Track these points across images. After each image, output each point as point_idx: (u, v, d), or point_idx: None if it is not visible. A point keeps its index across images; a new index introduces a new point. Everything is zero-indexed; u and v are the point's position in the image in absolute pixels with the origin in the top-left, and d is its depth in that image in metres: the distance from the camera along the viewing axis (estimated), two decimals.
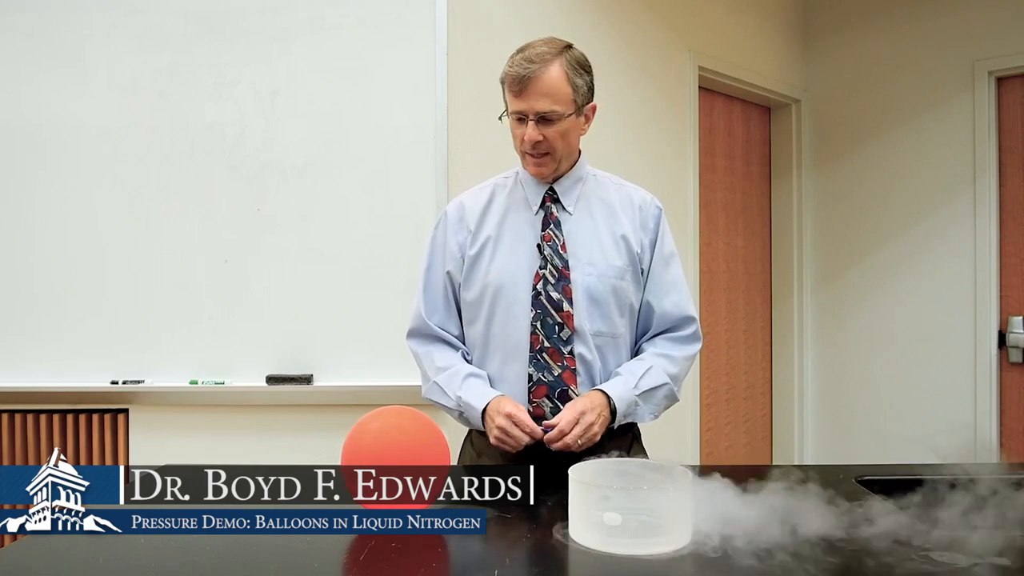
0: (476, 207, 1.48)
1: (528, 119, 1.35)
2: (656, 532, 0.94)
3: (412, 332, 1.52)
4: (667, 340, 1.47)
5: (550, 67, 1.33)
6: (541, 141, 1.36)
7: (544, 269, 1.39)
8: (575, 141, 1.44)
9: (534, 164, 1.41)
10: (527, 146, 1.37)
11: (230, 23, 2.17)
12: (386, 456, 1.12)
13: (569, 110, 1.36)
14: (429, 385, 1.46)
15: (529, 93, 1.33)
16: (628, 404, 1.35)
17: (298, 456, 2.08)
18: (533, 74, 1.32)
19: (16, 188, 2.18)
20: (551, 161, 1.40)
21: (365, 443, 1.17)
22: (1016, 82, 2.94)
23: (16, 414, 2.16)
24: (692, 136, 2.94)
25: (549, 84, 1.33)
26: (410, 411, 1.23)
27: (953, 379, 3.01)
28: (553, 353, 1.38)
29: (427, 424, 1.21)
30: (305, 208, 2.16)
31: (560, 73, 1.34)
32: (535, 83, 1.33)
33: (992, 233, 2.94)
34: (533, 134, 1.35)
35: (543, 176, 1.43)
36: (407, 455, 1.12)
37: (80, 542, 1.04)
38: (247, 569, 0.93)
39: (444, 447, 1.19)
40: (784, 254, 3.49)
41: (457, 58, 2.17)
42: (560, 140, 1.38)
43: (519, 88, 1.34)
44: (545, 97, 1.33)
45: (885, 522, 1.03)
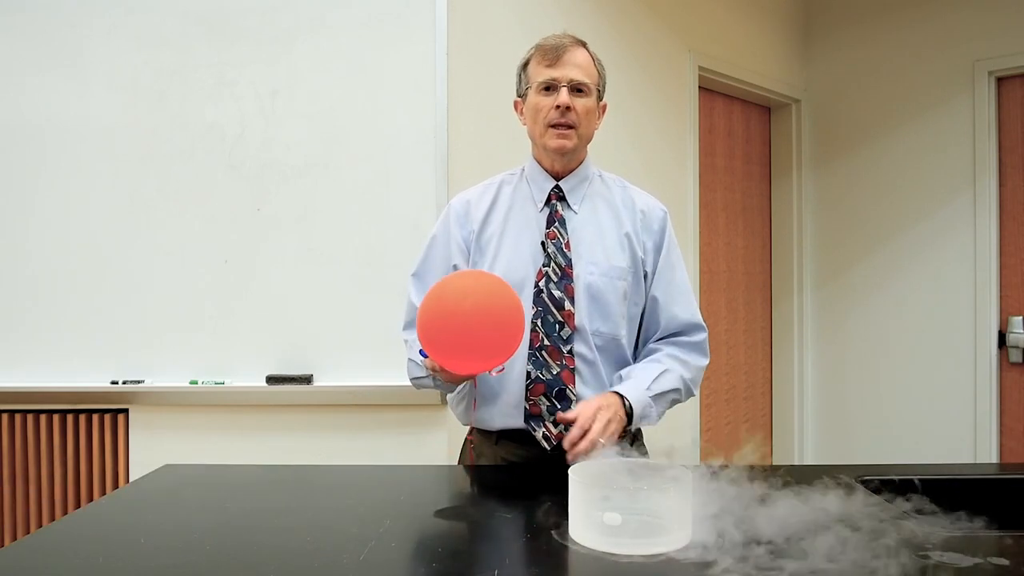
0: (482, 204, 1.48)
1: (560, 86, 1.38)
2: (656, 532, 0.94)
3: (406, 324, 1.51)
4: (680, 346, 1.46)
5: (581, 47, 1.42)
6: (571, 110, 1.38)
7: (547, 267, 1.39)
8: (593, 128, 1.46)
9: (558, 136, 1.40)
10: (556, 114, 1.38)
11: (230, 23, 2.17)
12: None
13: (595, 89, 1.42)
14: (408, 365, 1.46)
15: (564, 62, 1.39)
16: (644, 406, 1.33)
17: (298, 456, 2.09)
18: (568, 46, 1.40)
19: (16, 188, 2.19)
20: (575, 136, 1.41)
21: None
22: (1016, 82, 2.94)
23: (16, 414, 2.16)
24: (692, 136, 2.94)
25: (582, 59, 1.41)
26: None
27: (953, 379, 3.01)
28: (552, 351, 1.38)
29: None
30: (305, 208, 2.16)
31: (589, 56, 1.44)
32: (570, 54, 1.39)
33: (992, 233, 2.94)
34: (566, 99, 1.38)
35: (564, 151, 1.42)
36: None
37: (80, 542, 1.04)
38: (247, 569, 0.93)
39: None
40: (784, 254, 3.49)
41: (457, 58, 2.17)
42: (585, 116, 1.41)
43: (554, 56, 1.39)
44: (578, 68, 1.40)
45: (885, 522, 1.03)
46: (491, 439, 1.44)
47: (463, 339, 1.18)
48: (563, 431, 1.37)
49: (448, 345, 1.19)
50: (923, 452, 3.08)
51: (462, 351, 1.20)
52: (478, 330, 1.17)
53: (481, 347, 1.19)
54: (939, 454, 3.02)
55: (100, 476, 2.17)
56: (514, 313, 1.21)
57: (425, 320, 1.21)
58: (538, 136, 1.43)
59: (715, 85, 3.13)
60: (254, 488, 1.32)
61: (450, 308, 1.18)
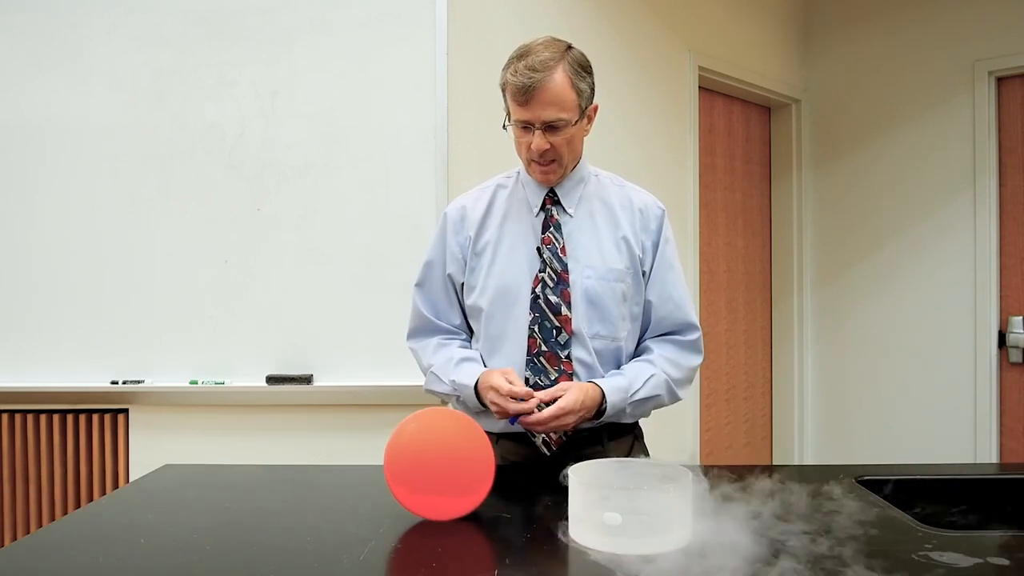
0: (476, 211, 1.47)
1: (534, 128, 1.33)
2: (656, 532, 0.94)
3: (411, 332, 1.52)
4: (674, 345, 1.46)
5: (554, 75, 1.30)
6: (548, 149, 1.34)
7: (543, 272, 1.38)
8: (580, 145, 1.42)
9: (541, 172, 1.39)
10: (534, 155, 1.35)
11: (230, 23, 2.17)
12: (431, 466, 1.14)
13: (575, 116, 1.34)
14: (428, 376, 1.46)
15: (535, 103, 1.30)
16: (618, 412, 1.36)
17: (298, 456, 2.09)
18: (538, 83, 1.29)
19: (16, 188, 2.19)
20: (558, 168, 1.39)
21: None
22: (1016, 82, 2.94)
23: (16, 414, 2.16)
24: (692, 136, 2.94)
25: (554, 92, 1.30)
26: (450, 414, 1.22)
27: (953, 379, 3.01)
28: (550, 357, 1.37)
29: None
30: (305, 208, 2.16)
31: (564, 80, 1.31)
32: (540, 92, 1.29)
33: (992, 233, 2.94)
34: (541, 143, 1.33)
35: (551, 183, 1.42)
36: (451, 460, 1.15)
37: (80, 542, 1.04)
38: (247, 569, 0.93)
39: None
40: (784, 254, 3.49)
41: (457, 58, 2.17)
42: (567, 146, 1.36)
43: (524, 98, 1.30)
44: (551, 106, 1.30)
45: (885, 522, 1.03)
46: (492, 439, 1.44)
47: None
48: (563, 436, 1.38)
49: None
50: (923, 452, 3.08)
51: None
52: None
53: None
54: (939, 454, 3.02)
55: (100, 476, 2.17)
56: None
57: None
58: (524, 164, 1.44)
59: (715, 85, 3.13)
60: (254, 488, 1.33)
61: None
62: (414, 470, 1.13)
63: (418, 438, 1.16)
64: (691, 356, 1.47)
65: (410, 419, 1.19)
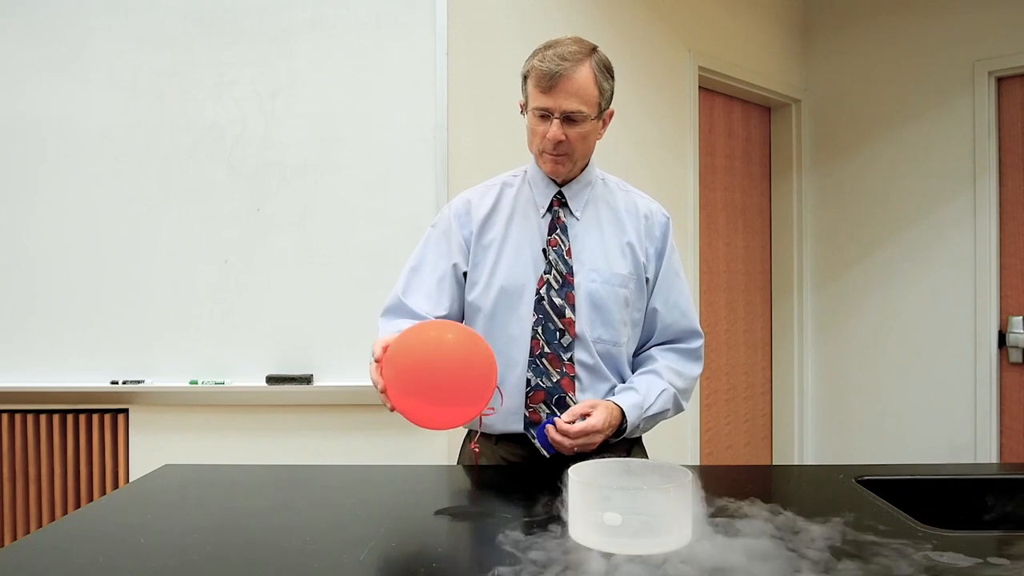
0: (482, 207, 1.46)
1: (553, 117, 1.33)
2: (656, 532, 0.94)
3: (384, 311, 1.47)
4: (677, 354, 1.46)
5: (581, 67, 1.32)
6: (563, 141, 1.34)
7: (548, 274, 1.38)
8: (592, 145, 1.42)
9: (552, 162, 1.39)
10: (548, 144, 1.35)
11: (230, 23, 2.17)
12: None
13: (594, 112, 1.35)
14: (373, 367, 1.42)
15: (558, 91, 1.31)
16: (633, 429, 1.36)
17: (298, 456, 2.09)
18: (564, 72, 1.30)
19: (16, 188, 2.18)
20: (568, 161, 1.39)
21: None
22: (1016, 82, 2.94)
23: (16, 414, 2.16)
24: (692, 136, 2.94)
25: (578, 84, 1.31)
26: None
27: (953, 379, 3.01)
28: (553, 359, 1.37)
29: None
30: (305, 208, 2.16)
31: (589, 74, 1.33)
32: (565, 81, 1.31)
33: (992, 233, 2.94)
34: (557, 133, 1.33)
35: (558, 175, 1.42)
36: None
37: (80, 542, 1.04)
38: (247, 569, 0.93)
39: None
40: (784, 254, 3.49)
41: (457, 58, 2.17)
42: (580, 142, 1.36)
43: (548, 84, 1.31)
44: (573, 96, 1.32)
45: (885, 522, 1.03)
46: (491, 439, 1.44)
47: (443, 387, 1.17)
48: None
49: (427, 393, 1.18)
50: (923, 452, 3.08)
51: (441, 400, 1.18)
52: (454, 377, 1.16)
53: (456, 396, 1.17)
54: (939, 454, 3.02)
55: (100, 476, 2.17)
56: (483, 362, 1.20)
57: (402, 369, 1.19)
58: (535, 155, 1.43)
59: (715, 85, 3.13)
60: (254, 488, 1.32)
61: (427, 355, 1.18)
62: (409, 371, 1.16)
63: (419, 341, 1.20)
64: (693, 366, 1.47)
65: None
